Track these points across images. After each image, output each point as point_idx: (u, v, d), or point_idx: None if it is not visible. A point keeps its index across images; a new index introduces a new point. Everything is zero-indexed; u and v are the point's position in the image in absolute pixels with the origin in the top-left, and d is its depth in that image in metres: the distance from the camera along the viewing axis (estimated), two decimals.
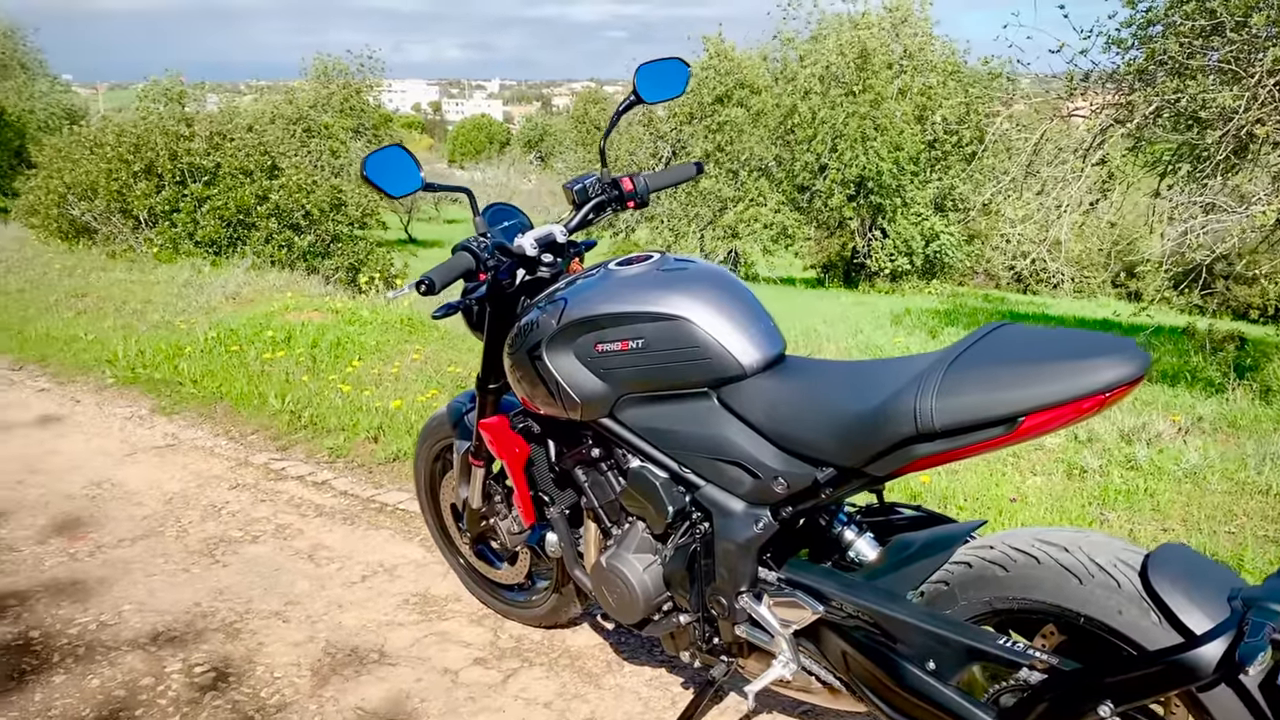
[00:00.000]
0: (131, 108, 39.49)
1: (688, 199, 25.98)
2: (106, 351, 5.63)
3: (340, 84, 37.37)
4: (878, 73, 23.87)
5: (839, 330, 10.98)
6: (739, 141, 25.60)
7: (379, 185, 1.99)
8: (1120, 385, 1.48)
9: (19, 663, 2.64)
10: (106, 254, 8.95)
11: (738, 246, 25.58)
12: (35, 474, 4.05)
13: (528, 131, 74.80)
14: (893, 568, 1.85)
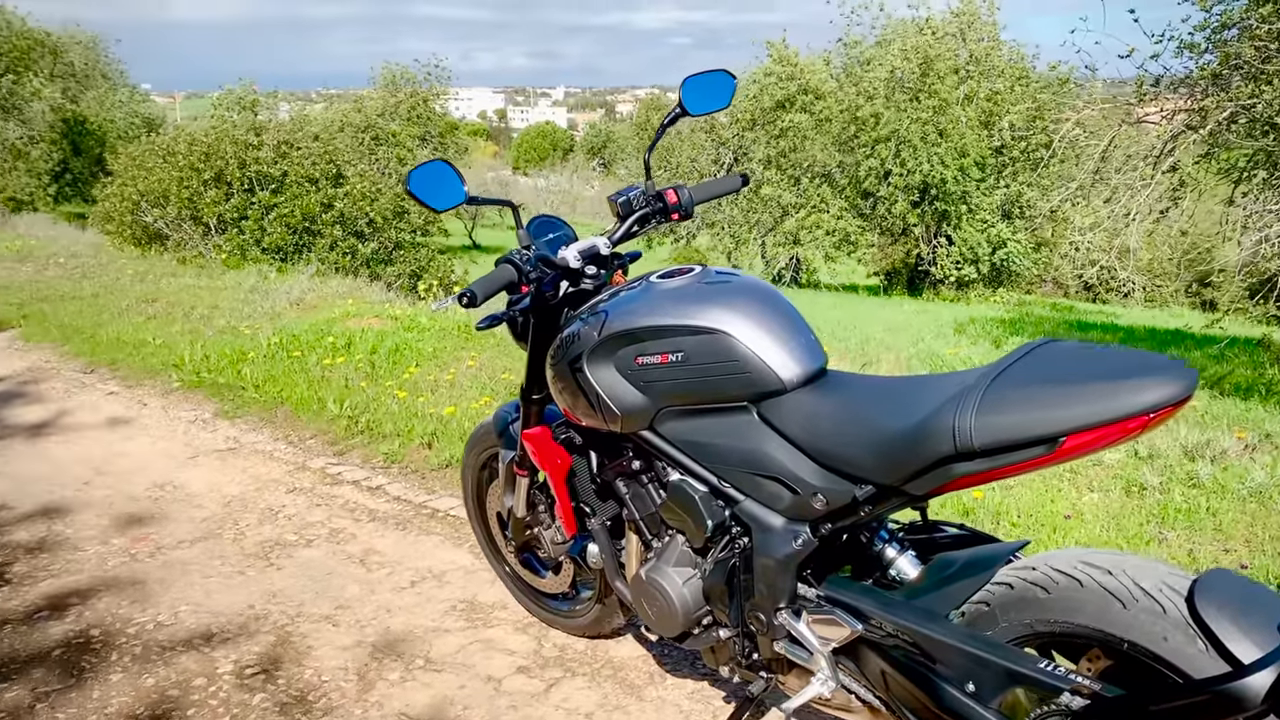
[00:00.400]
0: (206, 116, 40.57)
1: (749, 205, 25.88)
2: (173, 356, 5.77)
3: (408, 92, 37.97)
4: (943, 78, 23.54)
5: (900, 339, 10.83)
6: (801, 147, 25.44)
7: (422, 199, 2.01)
8: (1165, 406, 1.45)
9: (79, 660, 2.71)
10: (177, 260, 9.19)
11: (799, 253, 25.41)
12: (102, 475, 4.16)
13: (591, 138, 75.27)
14: (933, 587, 1.82)
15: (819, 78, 26.27)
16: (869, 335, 11.13)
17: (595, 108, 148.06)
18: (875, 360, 8.39)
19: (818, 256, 25.69)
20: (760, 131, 26.44)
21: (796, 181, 25.47)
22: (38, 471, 4.20)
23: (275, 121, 31.83)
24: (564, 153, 75.37)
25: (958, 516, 3.26)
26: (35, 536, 3.54)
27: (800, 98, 25.90)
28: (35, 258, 9.90)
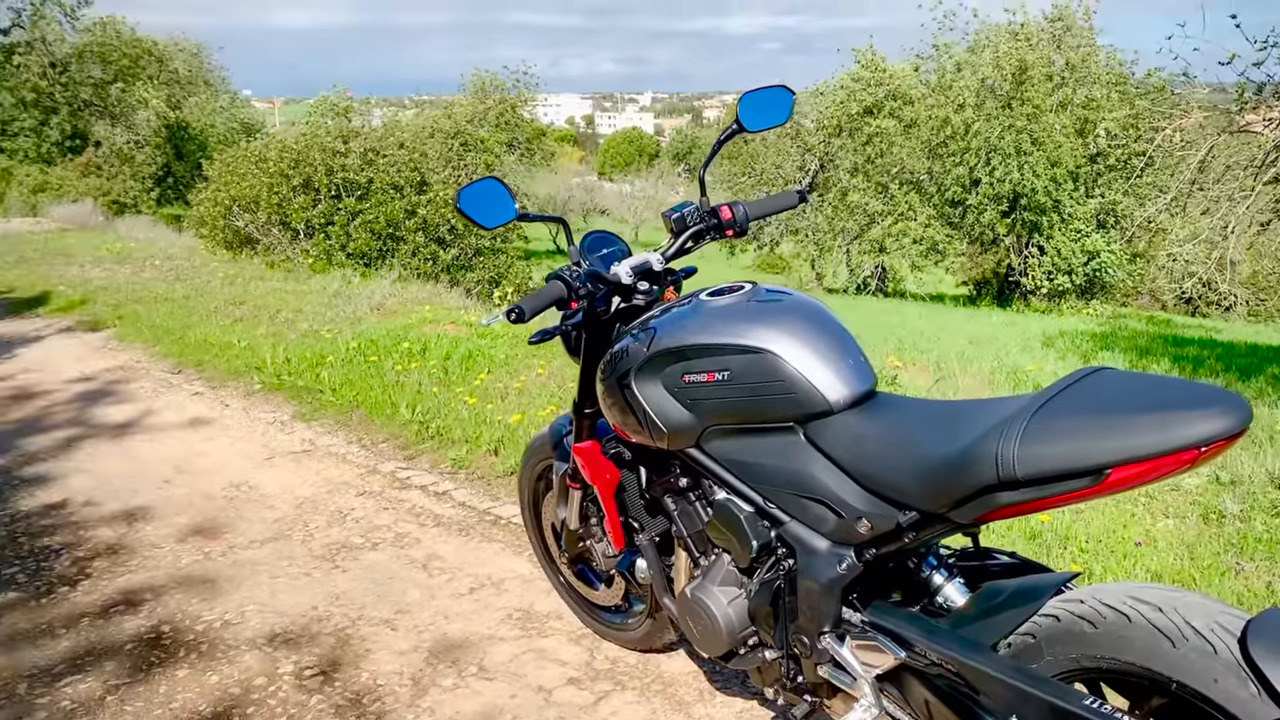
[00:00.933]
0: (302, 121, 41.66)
1: (834, 212, 25.64)
2: (256, 358, 5.93)
3: (496, 99, 38.52)
4: (1036, 85, 23.03)
5: (984, 352, 10.62)
6: (889, 154, 25.12)
7: (472, 217, 2.04)
8: (1217, 440, 1.40)
9: (149, 655, 2.80)
10: (266, 264, 9.47)
11: (885, 261, 25.08)
12: (182, 474, 4.30)
13: (677, 144, 75.40)
14: (980, 616, 1.78)
15: (908, 83, 25.92)
16: (952, 348, 10.93)
17: (682, 113, 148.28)
18: (953, 375, 8.25)
19: (904, 265, 25.34)
20: (847, 138, 26.19)
21: (883, 189, 25.16)
22: (122, 469, 4.35)
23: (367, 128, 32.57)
24: (650, 158, 75.66)
25: (1023, 540, 3.18)
26: (116, 533, 3.67)
27: (888, 103, 25.59)
28: (134, 259, 10.28)
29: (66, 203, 15.58)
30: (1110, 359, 11.31)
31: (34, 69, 24.78)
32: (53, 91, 25.45)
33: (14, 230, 13.22)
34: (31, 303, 8.31)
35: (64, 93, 25.82)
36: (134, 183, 27.29)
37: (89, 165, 20.99)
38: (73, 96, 26.20)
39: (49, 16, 25.39)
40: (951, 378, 6.93)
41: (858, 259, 25.91)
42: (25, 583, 3.27)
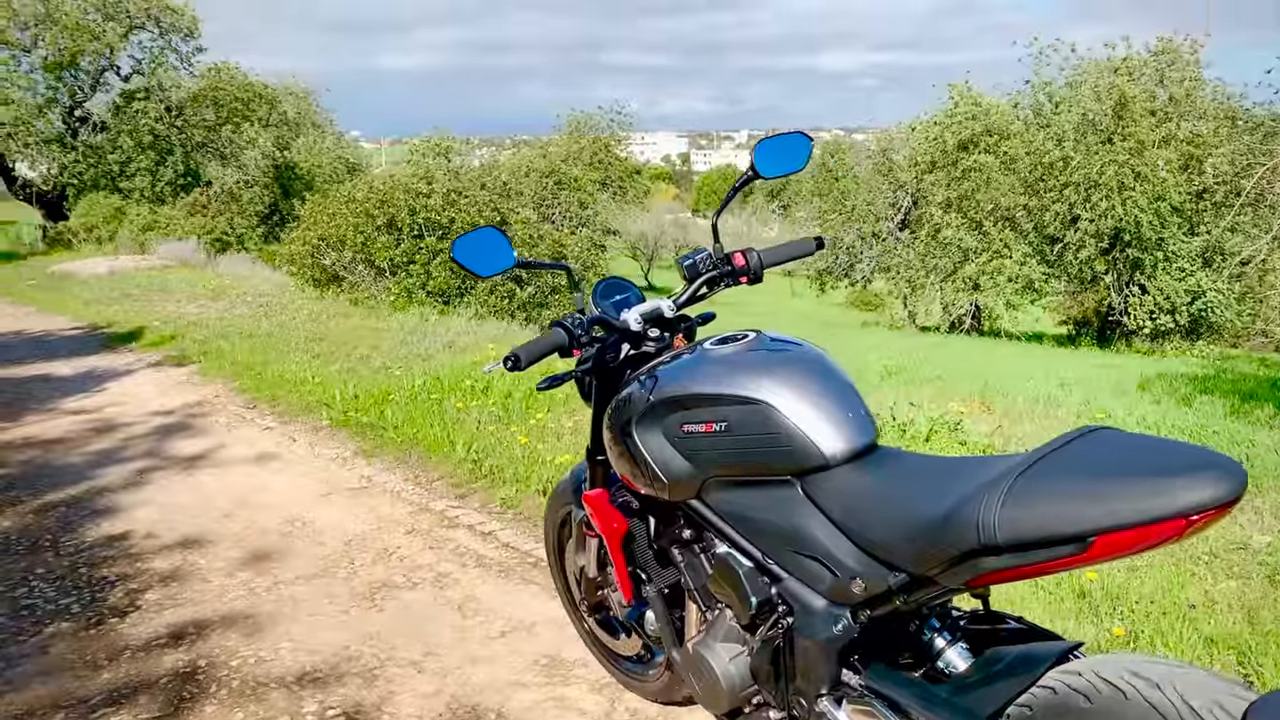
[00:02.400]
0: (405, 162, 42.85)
1: (926, 249, 25.22)
2: (327, 394, 6.07)
3: (590, 139, 39.08)
4: (1138, 120, 22.39)
5: (1074, 395, 10.26)
6: (984, 189, 24.65)
7: (466, 266, 2.04)
8: (1206, 509, 1.32)
9: (181, 690, 2.85)
10: (350, 301, 9.72)
11: (979, 300, 24.53)
12: (243, 508, 4.40)
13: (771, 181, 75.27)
14: (978, 685, 1.70)
15: (1005, 118, 25.45)
16: (1040, 390, 10.60)
17: None
18: (1033, 416, 8.00)
19: (999, 303, 24.75)
20: (941, 174, 25.79)
21: (978, 225, 24.67)
22: (186, 502, 4.47)
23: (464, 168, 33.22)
24: (744, 195, 75.74)
25: (1071, 598, 3.04)
26: (171, 565, 3.76)
27: (984, 139, 25.15)
28: (227, 296, 10.66)
29: (173, 240, 16.25)
30: (1209, 404, 10.81)
31: (151, 113, 25.97)
32: (169, 134, 26.64)
33: (121, 267, 13.83)
34: (126, 337, 8.66)
35: (179, 135, 27.00)
36: (241, 220, 28.35)
37: (195, 204, 21.88)
38: (187, 139, 27.38)
39: (166, 63, 26.64)
40: (1030, 419, 6.70)
41: (951, 297, 25.40)
42: (78, 613, 3.37)
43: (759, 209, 62.28)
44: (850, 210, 28.45)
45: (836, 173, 30.38)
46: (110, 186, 24.90)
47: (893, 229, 27.67)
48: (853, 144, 32.49)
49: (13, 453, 5.29)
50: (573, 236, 10.96)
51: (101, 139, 25.81)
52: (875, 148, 29.53)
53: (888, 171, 27.62)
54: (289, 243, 11.11)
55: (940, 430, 4.76)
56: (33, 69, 25.13)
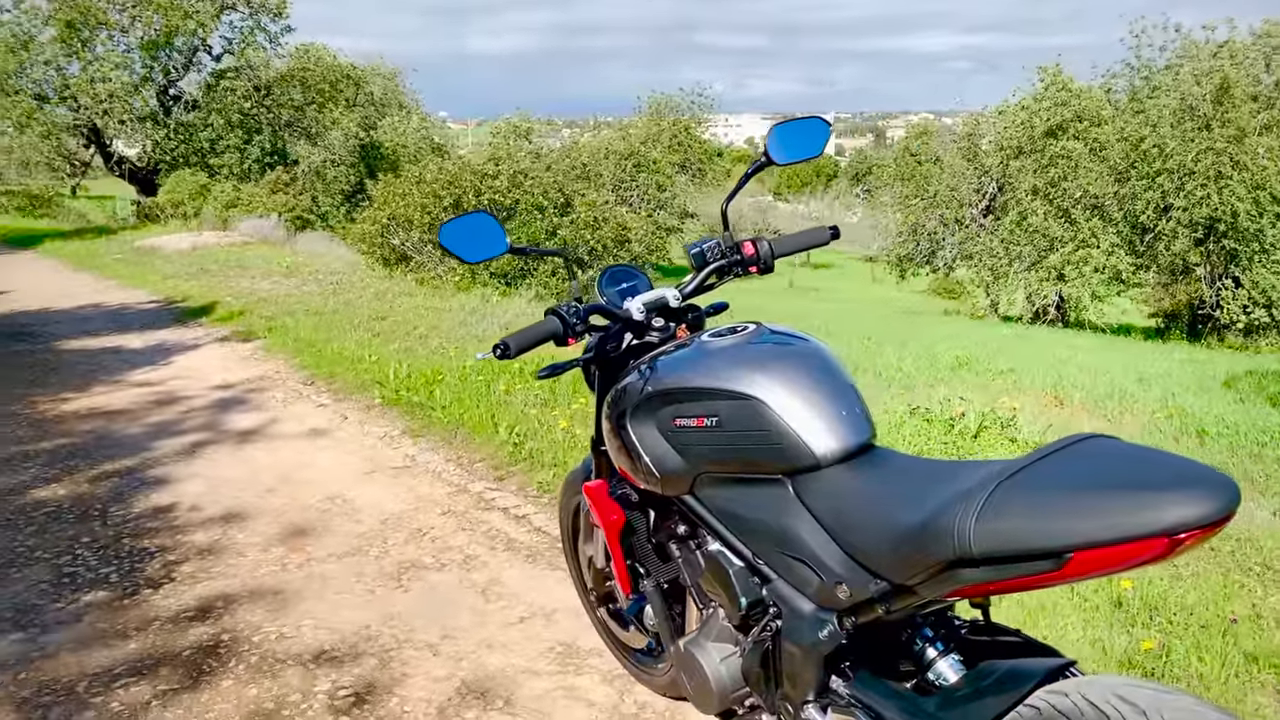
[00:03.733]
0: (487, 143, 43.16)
1: (1010, 237, 24.58)
2: (381, 373, 6.12)
3: (670, 121, 38.93)
4: (1239, 105, 21.47)
5: (1152, 392, 9.93)
6: (1073, 176, 23.90)
7: (455, 252, 2.01)
8: (1191, 528, 1.23)
9: (202, 663, 2.89)
10: (416, 280, 9.82)
11: (1064, 290, 23.84)
12: (286, 483, 4.46)
13: (856, 164, 74.25)
14: (965, 699, 1.63)
15: (1096, 104, 24.63)
16: (1117, 386, 10.26)
17: (865, 133, 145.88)
18: (1105, 413, 7.76)
19: (1085, 294, 24.01)
20: (1028, 160, 25.07)
21: (1064, 213, 23.94)
22: (233, 476, 4.55)
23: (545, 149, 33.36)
24: (828, 179, 74.91)
25: (1107, 606, 2.91)
26: (210, 539, 3.83)
27: (1074, 125, 24.38)
28: (300, 274, 10.85)
29: (255, 217, 16.63)
30: None
31: (240, 92, 26.55)
32: (257, 113, 27.22)
33: (204, 243, 14.18)
34: (198, 312, 8.87)
35: (267, 114, 27.57)
36: (325, 199, 28.88)
37: (278, 182, 22.35)
38: (274, 118, 27.94)
39: (255, 43, 27.19)
40: (1088, 418, 6.48)
41: (1035, 286, 24.71)
42: (116, 583, 3.45)
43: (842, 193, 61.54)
44: (933, 196, 27.85)
45: (920, 157, 29.77)
46: (200, 163, 25.55)
47: (976, 215, 27.05)
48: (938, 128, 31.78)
49: (78, 422, 5.44)
50: (636, 219, 10.88)
51: (193, 117, 26.47)
52: (961, 132, 28.87)
53: (973, 157, 26.96)
54: (361, 222, 11.27)
55: (991, 426, 4.62)
56: (130, 49, 25.87)
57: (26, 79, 24.38)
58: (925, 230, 28.12)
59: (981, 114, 28.12)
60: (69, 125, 25.16)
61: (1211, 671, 2.50)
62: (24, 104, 23.60)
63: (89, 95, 24.16)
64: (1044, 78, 25.17)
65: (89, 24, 24.69)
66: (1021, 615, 2.89)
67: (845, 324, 16.76)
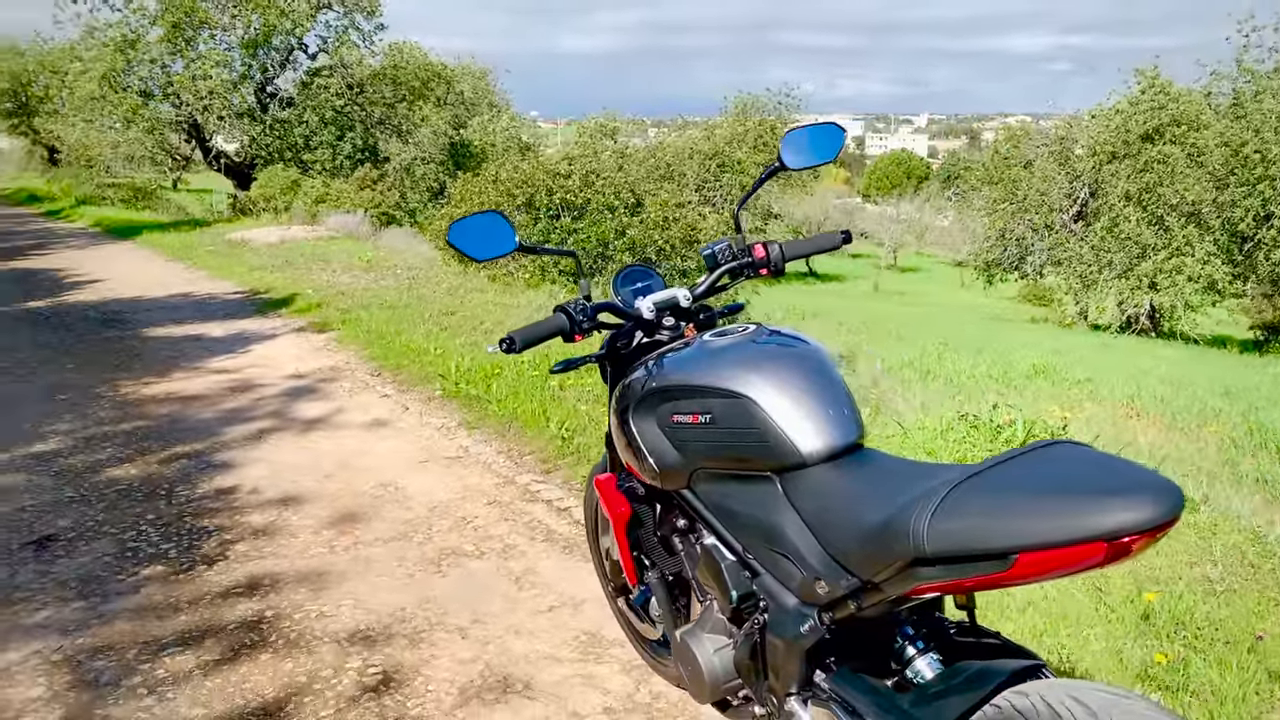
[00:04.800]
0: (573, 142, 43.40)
1: (1100, 243, 23.94)
2: (444, 366, 6.28)
3: (755, 121, 38.77)
4: None
5: (1235, 406, 9.63)
6: (1169, 182, 23.18)
7: (463, 250, 2.09)
8: (1126, 534, 1.26)
9: (244, 638, 3.04)
10: (488, 277, 10.01)
11: (1153, 299, 23.13)
12: (344, 470, 4.62)
13: (949, 167, 73.01)
14: (936, 696, 1.66)
15: (1195, 108, 23.85)
16: (1199, 398, 9.98)
17: (959, 135, 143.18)
18: (1179, 426, 7.58)
19: (1178, 304, 23.27)
20: (1122, 164, 24.39)
21: (1158, 220, 23.24)
22: (295, 461, 4.73)
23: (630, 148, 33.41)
24: (918, 181, 73.77)
25: (1134, 617, 2.88)
26: (265, 520, 4.00)
27: (1171, 129, 23.66)
28: (379, 268, 11.13)
29: (342, 213, 17.07)
30: None
31: (333, 89, 27.25)
32: (349, 110, 27.90)
33: (292, 236, 14.62)
34: (279, 303, 9.17)
35: (359, 111, 28.25)
36: (413, 195, 29.45)
37: (365, 179, 22.88)
38: (366, 115, 28.60)
39: (348, 41, 27.87)
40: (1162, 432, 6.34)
41: (1126, 295, 24.03)
42: (174, 559, 3.63)
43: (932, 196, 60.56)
44: (1022, 200, 27.25)
45: (1010, 160, 29.15)
46: (294, 159, 26.29)
47: (1067, 221, 26.39)
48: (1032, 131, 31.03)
49: (156, 406, 5.70)
50: (705, 220, 10.91)
51: (288, 114, 27.24)
52: (1054, 135, 28.20)
53: (1065, 161, 26.33)
54: (439, 219, 11.50)
55: (1040, 435, 4.56)
56: (230, 47, 26.75)
57: (134, 76, 25.39)
58: (1013, 235, 27.54)
59: (1075, 117, 27.42)
60: (171, 121, 26.11)
61: (1229, 688, 2.47)
62: (130, 100, 24.57)
63: (191, 92, 25.04)
64: (1141, 80, 24.49)
65: (193, 23, 25.60)
66: (1043, 624, 2.88)
67: (922, 329, 16.55)
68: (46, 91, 34.56)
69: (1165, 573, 3.23)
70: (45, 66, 33.99)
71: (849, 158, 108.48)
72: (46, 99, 34.93)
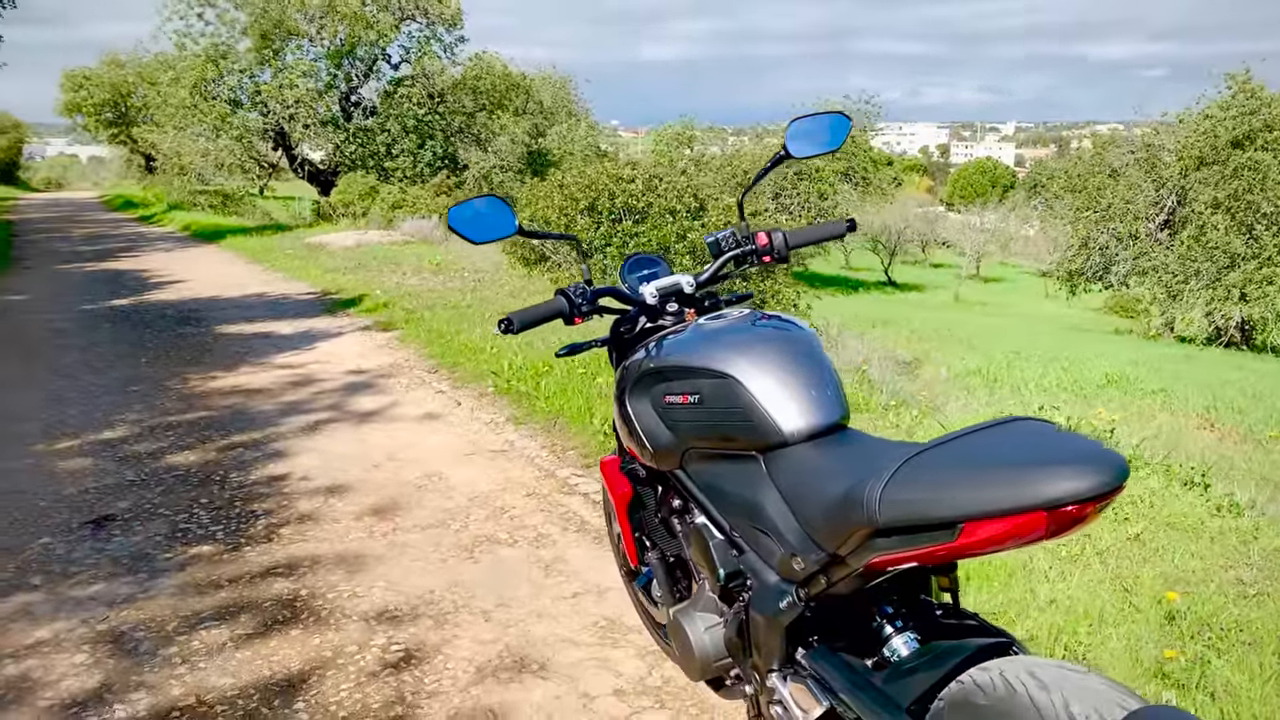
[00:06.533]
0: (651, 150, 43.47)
1: (1187, 253, 23.25)
2: (498, 364, 6.39)
3: None
4: None
5: None
6: (1260, 189, 22.43)
7: (462, 233, 2.16)
8: (1065, 503, 1.27)
9: (277, 615, 3.15)
10: (552, 280, 10.14)
11: (1243, 311, 22.38)
12: (392, 461, 4.74)
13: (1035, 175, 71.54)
14: (906, 674, 1.68)
15: None
16: (1277, 410, 9.68)
17: (1047, 144, 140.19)
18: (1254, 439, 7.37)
19: (1269, 316, 22.46)
20: (1210, 171, 23.66)
21: (1248, 229, 22.50)
22: (347, 452, 4.87)
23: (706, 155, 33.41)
24: (1004, 190, 72.42)
25: (1159, 618, 2.83)
26: (312, 507, 4.13)
27: (1263, 134, 22.91)
28: (447, 271, 11.35)
29: (417, 218, 17.42)
30: None
31: (415, 99, 27.83)
32: (430, 119, 28.45)
33: (367, 240, 14.98)
34: (347, 303, 9.42)
35: (439, 121, 28.78)
36: None
37: (441, 185, 23.31)
38: (447, 124, 29.13)
39: (431, 52, 28.44)
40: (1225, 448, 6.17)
41: (1214, 306, 23.28)
42: (222, 539, 3.77)
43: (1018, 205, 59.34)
44: (1106, 208, 26.60)
45: (1094, 168, 28.49)
46: (376, 166, 26.89)
47: (1153, 230, 25.70)
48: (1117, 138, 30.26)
49: (220, 398, 5.91)
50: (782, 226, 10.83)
51: (371, 122, 27.89)
52: (1140, 141, 27.49)
53: (1150, 167, 25.64)
54: None
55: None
56: (316, 57, 27.52)
57: (223, 86, 26.27)
58: (1096, 244, 26.88)
59: (1162, 123, 26.68)
60: (259, 129, 26.92)
61: (1243, 686, 2.41)
62: (219, 109, 25.41)
63: (278, 101, 25.81)
64: (1232, 85, 23.76)
65: (281, 34, 26.40)
66: (1062, 622, 2.85)
67: (996, 338, 16.29)
68: (145, 102, 35.88)
69: (1198, 575, 3.16)
70: (144, 78, 35.37)
71: (932, 166, 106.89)
72: (144, 109, 36.24)
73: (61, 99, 40.85)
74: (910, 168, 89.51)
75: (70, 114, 41.57)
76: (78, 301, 10.01)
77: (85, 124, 42.08)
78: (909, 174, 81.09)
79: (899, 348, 11.77)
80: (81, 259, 14.58)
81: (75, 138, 50.81)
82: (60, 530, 3.84)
